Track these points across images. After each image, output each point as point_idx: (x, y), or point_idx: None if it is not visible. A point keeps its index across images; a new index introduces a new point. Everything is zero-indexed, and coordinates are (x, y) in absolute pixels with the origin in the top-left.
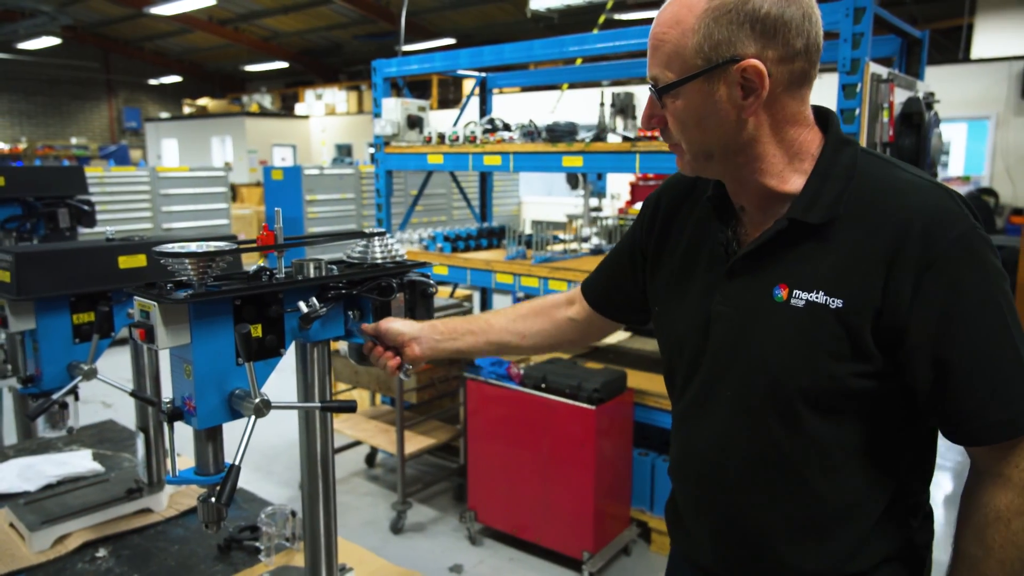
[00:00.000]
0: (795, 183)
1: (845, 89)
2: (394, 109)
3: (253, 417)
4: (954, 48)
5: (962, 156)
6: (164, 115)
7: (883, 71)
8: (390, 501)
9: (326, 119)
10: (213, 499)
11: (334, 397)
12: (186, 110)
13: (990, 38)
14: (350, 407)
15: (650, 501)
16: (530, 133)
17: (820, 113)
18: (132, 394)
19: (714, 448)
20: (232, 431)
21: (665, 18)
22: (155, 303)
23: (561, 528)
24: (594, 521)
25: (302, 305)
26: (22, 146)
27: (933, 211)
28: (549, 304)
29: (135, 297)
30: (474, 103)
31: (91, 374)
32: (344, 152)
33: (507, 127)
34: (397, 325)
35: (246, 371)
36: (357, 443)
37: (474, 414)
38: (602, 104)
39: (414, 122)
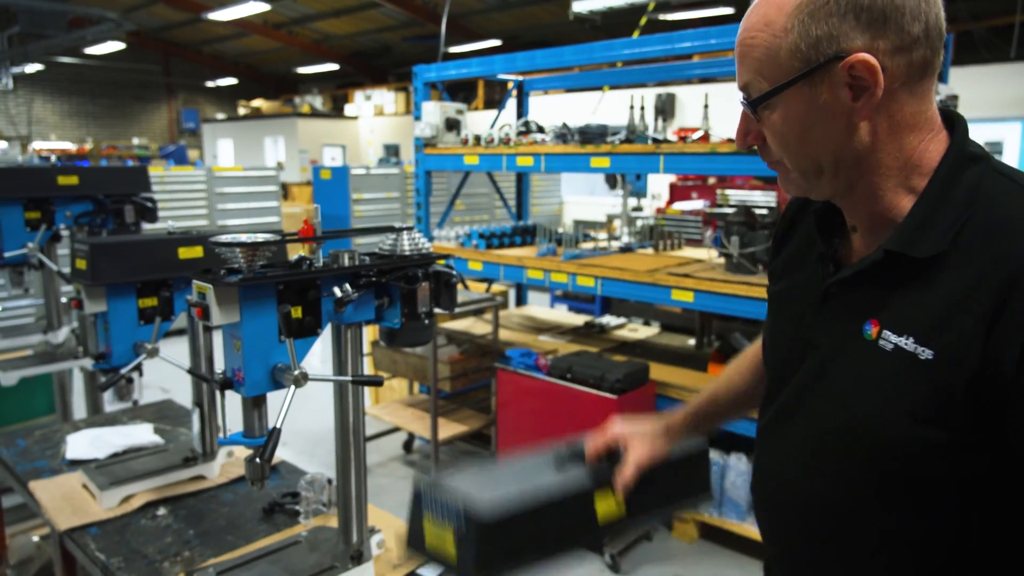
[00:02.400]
0: (905, 205)
1: None
2: (433, 112)
3: (293, 387)
4: (1005, 47)
5: (1016, 156)
6: (220, 116)
7: None
8: None
9: (375, 120)
10: (257, 459)
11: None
12: (241, 111)
13: None
14: (377, 381)
15: None
16: (563, 135)
17: (946, 117)
18: (189, 371)
19: (780, 477)
20: (274, 403)
21: (753, 21)
22: (210, 286)
23: None
24: None
25: (336, 290)
26: (88, 146)
27: None
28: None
29: (194, 281)
30: (511, 105)
31: (154, 352)
32: (391, 152)
33: (541, 129)
34: (649, 449)
35: (287, 347)
36: (395, 429)
37: (504, 402)
38: (632, 107)
39: (452, 124)
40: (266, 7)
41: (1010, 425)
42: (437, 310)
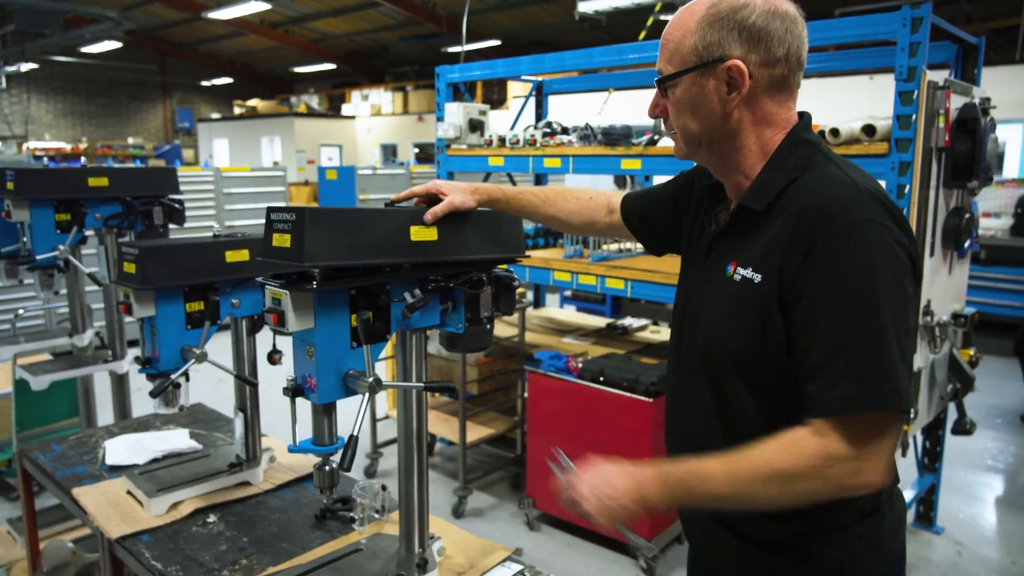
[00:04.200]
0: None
1: (902, 96)
2: (456, 113)
3: (368, 394)
4: (1011, 48)
5: (1017, 158)
6: (215, 116)
7: (939, 78)
8: (450, 488)
9: (372, 119)
10: (327, 467)
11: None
12: (236, 111)
13: None
14: (450, 387)
15: None
16: (586, 136)
17: (801, 117)
18: (236, 376)
19: (672, 402)
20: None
21: (673, 22)
22: (286, 292)
23: None
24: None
25: (407, 295)
26: (83, 146)
27: (828, 199)
28: (592, 208)
29: (267, 286)
30: (524, 105)
31: (202, 357)
32: (389, 152)
33: (565, 130)
34: (458, 200)
35: (357, 354)
36: None
37: (534, 405)
38: None
39: (475, 125)
40: (266, 6)
41: (791, 318)
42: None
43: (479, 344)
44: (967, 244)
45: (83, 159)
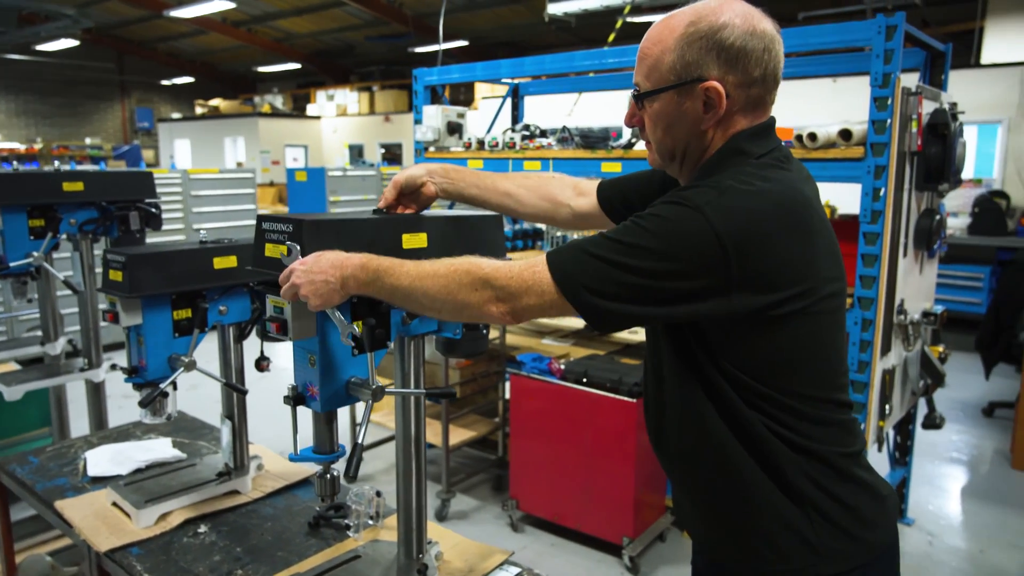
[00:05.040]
0: None
1: (876, 102)
2: (435, 116)
3: (371, 401)
4: (965, 52)
5: (972, 159)
6: (176, 116)
7: (912, 84)
8: (432, 491)
9: (337, 120)
10: (328, 475)
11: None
12: (198, 111)
13: (1000, 43)
14: (450, 393)
15: None
16: (565, 139)
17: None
18: (225, 384)
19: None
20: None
21: (651, 36)
22: (288, 300)
23: (602, 515)
24: (634, 508)
25: None
26: (38, 146)
27: (683, 188)
28: (557, 187)
29: (268, 295)
30: (496, 107)
31: (191, 366)
32: (356, 153)
33: (543, 133)
34: (411, 171)
35: (358, 361)
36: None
37: (517, 407)
38: None
39: (453, 128)
40: (229, 5)
41: None
42: None
43: (476, 348)
44: (937, 244)
45: (56, 162)
